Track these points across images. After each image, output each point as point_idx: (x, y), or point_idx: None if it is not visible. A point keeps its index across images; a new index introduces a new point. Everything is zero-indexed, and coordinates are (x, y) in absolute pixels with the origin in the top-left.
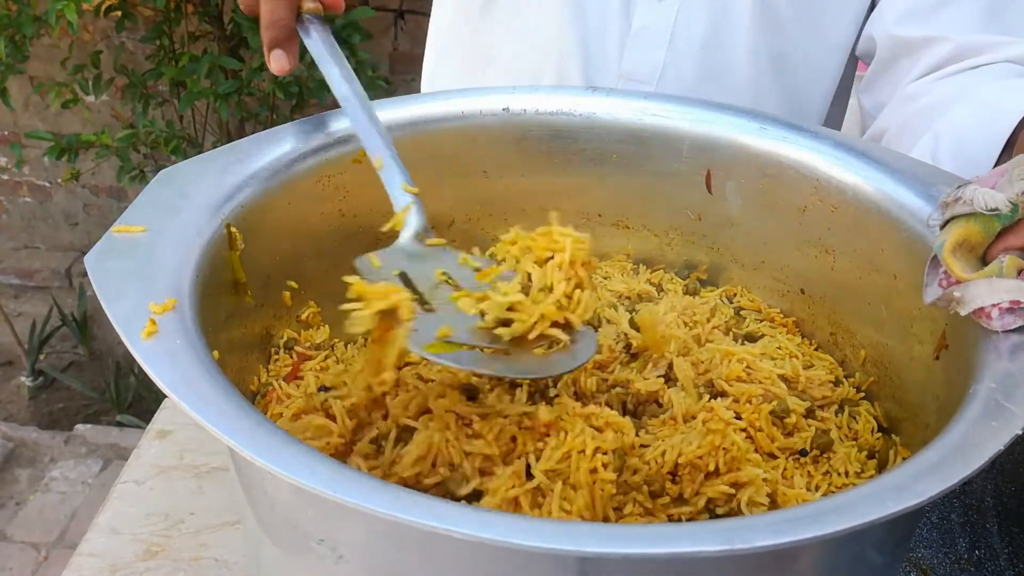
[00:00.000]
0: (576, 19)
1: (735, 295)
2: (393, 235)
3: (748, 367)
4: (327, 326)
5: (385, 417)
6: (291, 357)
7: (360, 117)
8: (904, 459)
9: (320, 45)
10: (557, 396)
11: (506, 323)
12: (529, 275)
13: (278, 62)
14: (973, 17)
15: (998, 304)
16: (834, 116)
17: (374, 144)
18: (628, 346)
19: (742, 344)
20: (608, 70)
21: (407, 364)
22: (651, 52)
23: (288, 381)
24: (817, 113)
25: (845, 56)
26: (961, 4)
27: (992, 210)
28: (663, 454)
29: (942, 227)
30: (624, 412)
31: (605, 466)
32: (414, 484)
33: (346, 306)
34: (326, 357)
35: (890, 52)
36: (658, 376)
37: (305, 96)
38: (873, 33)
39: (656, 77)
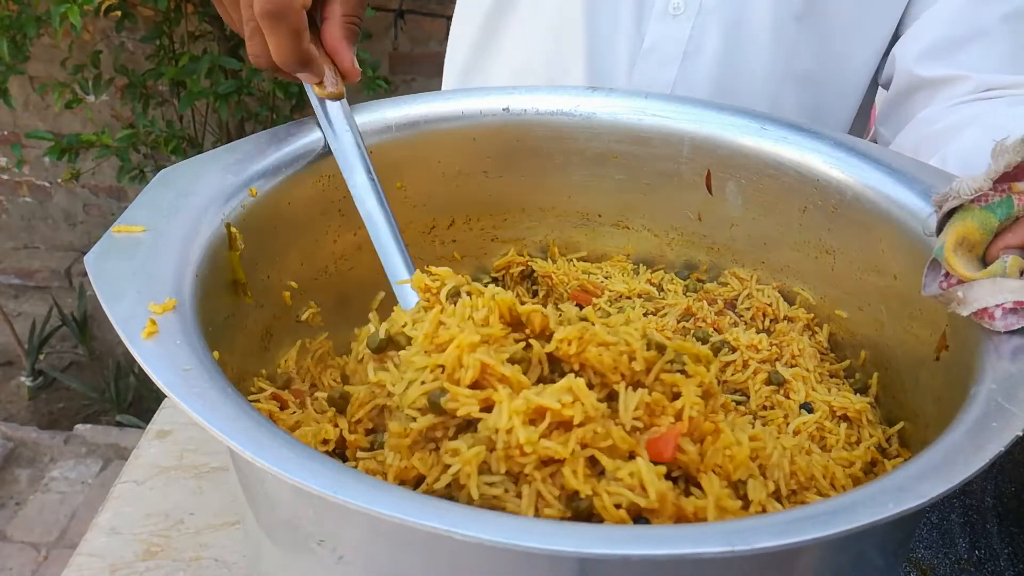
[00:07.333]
0: (585, 35)
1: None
2: None
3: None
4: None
5: None
6: None
7: (388, 246)
8: (905, 460)
9: (347, 144)
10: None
11: None
12: None
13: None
14: (999, 57)
15: (1002, 304)
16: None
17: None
18: None
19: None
20: (616, 84)
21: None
22: (663, 69)
23: None
24: (840, 129)
25: (868, 77)
26: (986, 43)
27: (976, 191)
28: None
29: (939, 231)
30: None
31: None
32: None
33: None
34: None
35: (909, 87)
36: None
37: (305, 96)
38: (896, 64)
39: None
